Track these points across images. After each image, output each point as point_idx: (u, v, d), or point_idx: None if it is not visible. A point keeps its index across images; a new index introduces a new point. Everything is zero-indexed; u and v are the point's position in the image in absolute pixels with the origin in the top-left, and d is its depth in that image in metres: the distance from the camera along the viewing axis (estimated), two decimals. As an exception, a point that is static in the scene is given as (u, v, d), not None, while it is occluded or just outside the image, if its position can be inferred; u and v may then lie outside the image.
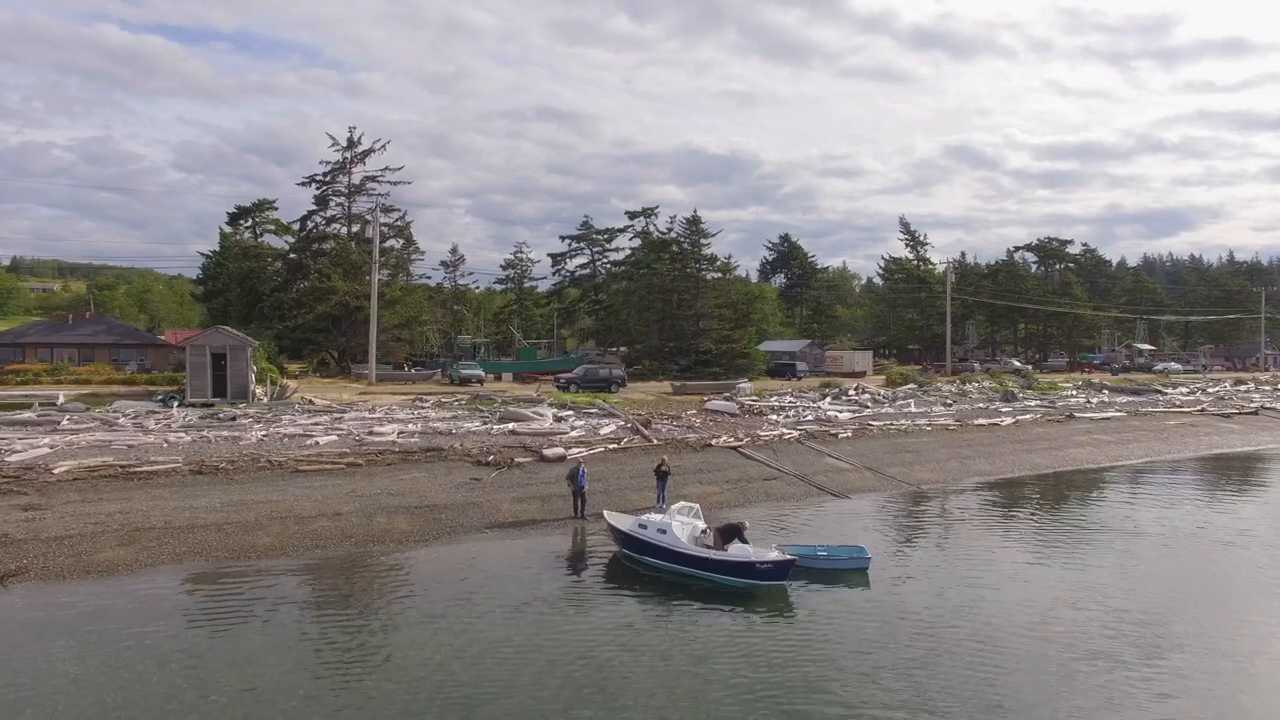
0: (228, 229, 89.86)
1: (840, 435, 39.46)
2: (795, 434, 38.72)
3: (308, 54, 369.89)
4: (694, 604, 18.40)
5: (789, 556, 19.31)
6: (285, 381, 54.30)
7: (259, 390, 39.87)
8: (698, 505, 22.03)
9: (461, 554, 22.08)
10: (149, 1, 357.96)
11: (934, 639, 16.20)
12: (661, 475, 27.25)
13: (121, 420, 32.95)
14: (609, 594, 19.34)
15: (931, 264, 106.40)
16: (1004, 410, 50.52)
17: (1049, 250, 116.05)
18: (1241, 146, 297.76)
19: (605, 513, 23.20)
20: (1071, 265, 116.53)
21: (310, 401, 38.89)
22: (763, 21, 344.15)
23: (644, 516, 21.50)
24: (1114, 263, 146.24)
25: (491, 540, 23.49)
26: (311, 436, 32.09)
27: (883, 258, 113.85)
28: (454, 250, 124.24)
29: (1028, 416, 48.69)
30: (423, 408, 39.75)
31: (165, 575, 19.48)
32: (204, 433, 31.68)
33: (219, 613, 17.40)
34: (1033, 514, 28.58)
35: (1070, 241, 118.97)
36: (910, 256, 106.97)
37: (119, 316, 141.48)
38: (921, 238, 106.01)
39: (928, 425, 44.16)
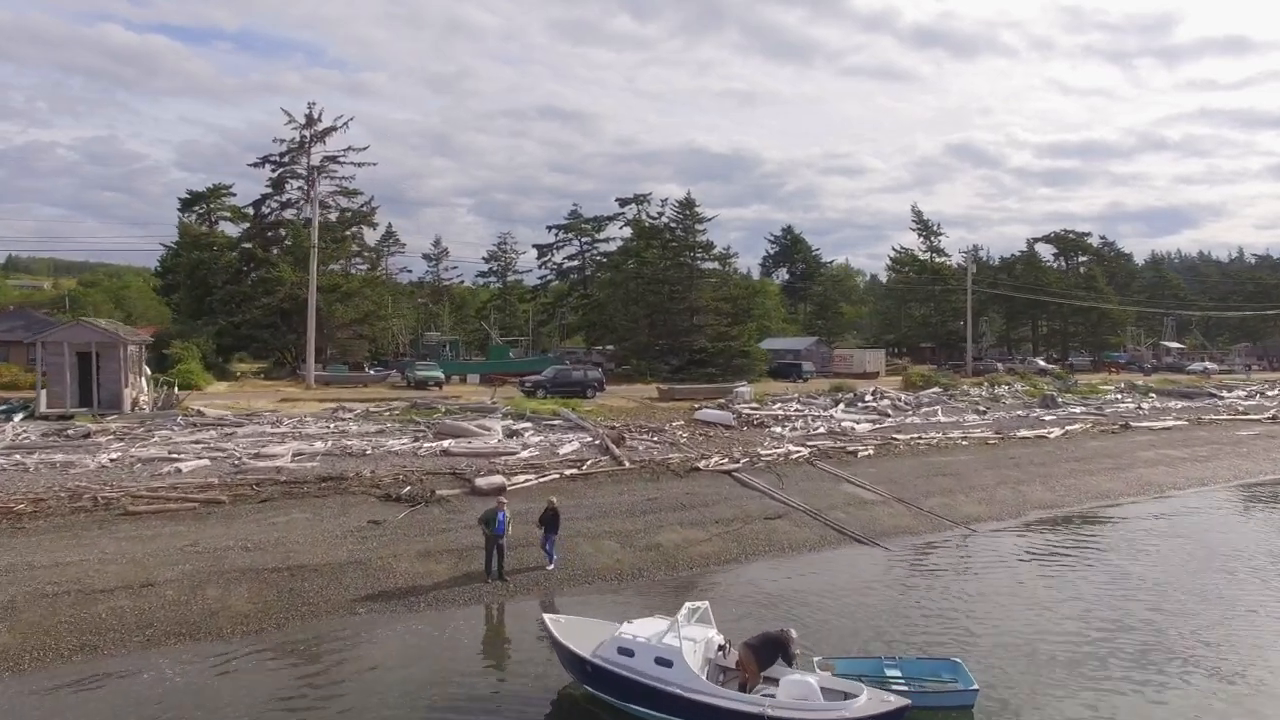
0: (187, 218, 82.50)
1: (859, 453, 32.01)
2: (804, 451, 31.29)
3: (310, 53, 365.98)
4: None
5: (897, 702, 11.32)
6: (222, 384, 46.97)
7: (144, 398, 32.37)
8: (706, 604, 13.07)
9: (304, 657, 14.60)
10: (152, 1, 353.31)
11: None
12: (548, 523, 19.12)
13: (-72, 439, 25.55)
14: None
15: (946, 256, 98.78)
16: (1047, 419, 43.06)
17: (1067, 242, 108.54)
18: (1244, 144, 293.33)
19: (546, 618, 13.81)
20: (1091, 258, 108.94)
21: (199, 412, 31.38)
22: (764, 21, 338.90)
23: (624, 631, 12.48)
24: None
25: (367, 624, 15.98)
26: (178, 460, 24.67)
27: (894, 248, 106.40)
28: (437, 243, 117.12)
29: (1076, 426, 41.23)
30: (343, 419, 32.30)
31: None
32: (32, 456, 24.26)
33: None
34: (1133, 571, 21.03)
35: (1088, 234, 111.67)
36: (922, 248, 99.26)
37: (93, 314, 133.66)
38: (935, 228, 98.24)
39: (962, 438, 36.70)
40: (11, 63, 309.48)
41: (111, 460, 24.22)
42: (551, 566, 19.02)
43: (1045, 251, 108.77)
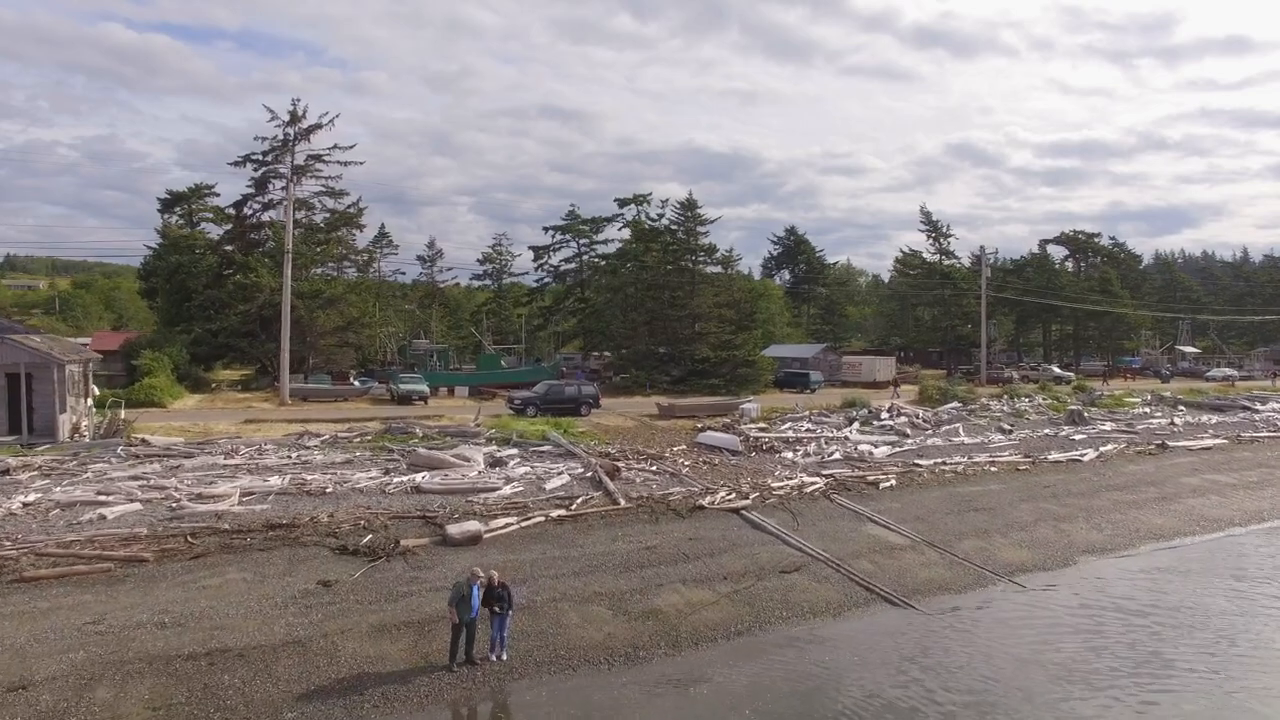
0: (169, 219, 79.20)
1: (881, 483, 28.83)
2: (820, 483, 28.12)
3: (311, 52, 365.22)
4: None
5: None
6: (194, 397, 43.71)
7: (86, 423, 29.18)
8: None
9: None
10: (154, 0, 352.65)
11: None
12: (498, 600, 15.30)
13: None
14: None
15: (955, 258, 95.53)
16: (1077, 439, 39.89)
17: (1078, 243, 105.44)
18: (1244, 144, 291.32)
19: None
20: (1102, 259, 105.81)
21: (144, 441, 28.18)
22: (765, 20, 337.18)
23: None
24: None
25: (294, 738, 12.83)
26: (105, 503, 21.49)
27: (901, 249, 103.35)
28: (431, 244, 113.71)
29: (1110, 447, 38.05)
30: (307, 448, 29.10)
31: None
32: (-65, 500, 21.10)
33: None
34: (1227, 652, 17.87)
35: (1098, 234, 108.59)
36: (931, 250, 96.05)
37: (82, 315, 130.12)
38: (944, 228, 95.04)
39: (990, 464, 33.55)
40: (13, 61, 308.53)
41: (25, 505, 21.05)
42: (505, 657, 15.46)
43: (1055, 253, 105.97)
